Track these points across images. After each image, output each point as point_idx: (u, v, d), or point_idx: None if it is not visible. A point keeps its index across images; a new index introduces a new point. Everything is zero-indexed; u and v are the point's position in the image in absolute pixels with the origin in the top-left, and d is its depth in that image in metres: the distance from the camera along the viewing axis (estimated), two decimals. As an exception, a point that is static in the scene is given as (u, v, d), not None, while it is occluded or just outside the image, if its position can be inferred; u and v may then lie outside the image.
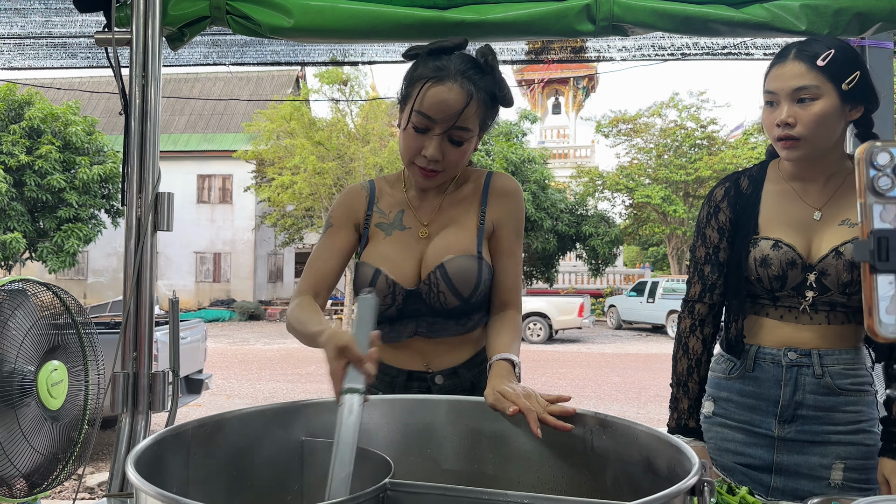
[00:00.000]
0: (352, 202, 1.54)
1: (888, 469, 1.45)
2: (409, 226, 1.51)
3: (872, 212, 0.82)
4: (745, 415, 1.58)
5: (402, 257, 1.46)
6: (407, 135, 1.42)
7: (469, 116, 1.37)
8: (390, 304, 1.44)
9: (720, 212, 1.63)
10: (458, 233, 1.48)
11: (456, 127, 1.37)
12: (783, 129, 1.48)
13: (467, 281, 1.43)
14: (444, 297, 1.43)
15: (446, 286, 1.42)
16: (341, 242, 1.51)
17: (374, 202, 1.54)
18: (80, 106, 18.23)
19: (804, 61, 1.47)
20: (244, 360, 13.17)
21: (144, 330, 1.74)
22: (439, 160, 1.40)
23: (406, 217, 1.52)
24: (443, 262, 1.43)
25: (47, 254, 17.00)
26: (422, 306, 1.45)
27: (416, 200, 1.53)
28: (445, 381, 1.48)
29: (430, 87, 1.37)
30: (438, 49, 1.42)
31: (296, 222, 21.52)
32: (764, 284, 1.55)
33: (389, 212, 1.53)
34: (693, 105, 24.41)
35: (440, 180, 1.47)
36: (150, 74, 1.77)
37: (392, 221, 1.51)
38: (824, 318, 1.53)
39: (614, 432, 1.05)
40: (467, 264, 1.43)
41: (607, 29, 1.76)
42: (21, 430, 1.59)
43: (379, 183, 1.58)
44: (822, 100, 1.45)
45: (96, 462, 5.97)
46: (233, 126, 25.61)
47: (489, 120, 1.46)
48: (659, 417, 1.77)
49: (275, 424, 1.09)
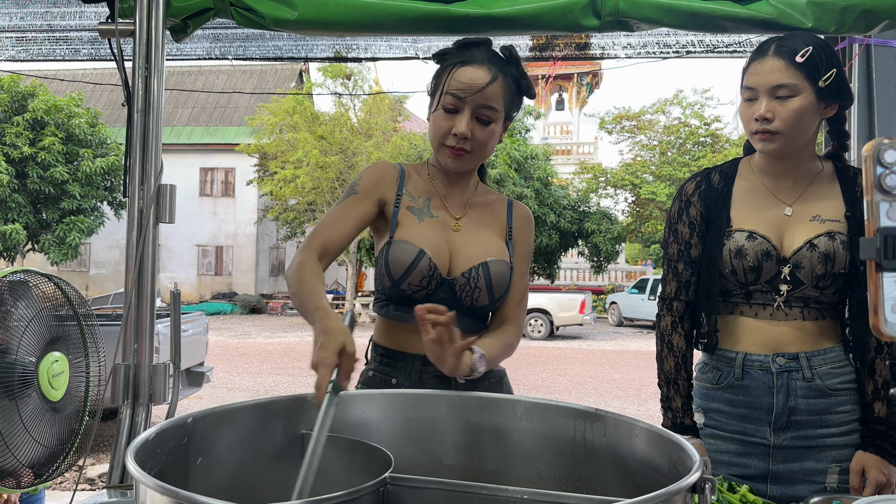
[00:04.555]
0: (383, 176, 1.54)
1: (869, 463, 1.48)
2: (437, 215, 1.53)
3: (879, 209, 0.81)
4: (738, 425, 1.57)
5: (439, 245, 1.49)
6: (437, 117, 1.48)
7: (496, 94, 1.44)
8: (424, 286, 1.46)
9: (691, 206, 1.63)
10: (493, 237, 1.54)
11: (484, 105, 1.44)
12: (761, 123, 1.50)
13: (502, 285, 1.49)
14: (479, 294, 1.47)
15: (485, 284, 1.47)
16: (361, 211, 1.49)
17: (404, 184, 1.55)
18: (83, 98, 18.23)
19: (783, 58, 1.48)
20: (245, 354, 13.19)
21: (146, 322, 1.73)
22: (468, 137, 1.45)
23: (434, 205, 1.54)
24: (487, 262, 1.48)
25: (49, 245, 17.03)
26: (449, 297, 1.46)
27: (443, 190, 1.56)
28: None
29: (458, 69, 1.45)
30: (466, 43, 1.50)
31: (298, 216, 21.52)
32: (738, 277, 1.54)
33: (418, 197, 1.54)
34: (697, 102, 24.35)
35: (468, 162, 1.50)
36: (153, 66, 1.76)
37: (421, 207, 1.53)
38: (799, 313, 1.54)
39: (615, 429, 1.04)
40: (505, 270, 1.50)
41: (613, 24, 1.76)
42: (22, 421, 1.59)
43: (407, 168, 1.59)
44: (800, 96, 1.47)
45: (97, 453, 5.98)
46: (236, 119, 25.59)
47: (514, 109, 1.52)
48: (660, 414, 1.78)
49: (275, 417, 1.09)
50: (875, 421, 1.51)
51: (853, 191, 1.55)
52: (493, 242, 1.53)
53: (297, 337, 16.34)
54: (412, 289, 1.46)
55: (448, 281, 1.47)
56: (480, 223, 1.55)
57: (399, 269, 1.45)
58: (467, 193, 1.58)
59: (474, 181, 1.61)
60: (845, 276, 1.52)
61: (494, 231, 1.56)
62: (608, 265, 23.11)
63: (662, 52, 3.43)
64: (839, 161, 1.64)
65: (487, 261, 1.48)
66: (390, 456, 0.97)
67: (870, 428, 1.51)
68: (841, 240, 1.51)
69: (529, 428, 1.11)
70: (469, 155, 1.48)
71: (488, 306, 1.51)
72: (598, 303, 23.47)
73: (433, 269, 1.46)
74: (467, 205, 1.57)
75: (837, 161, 1.64)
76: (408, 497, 0.91)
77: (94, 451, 5.99)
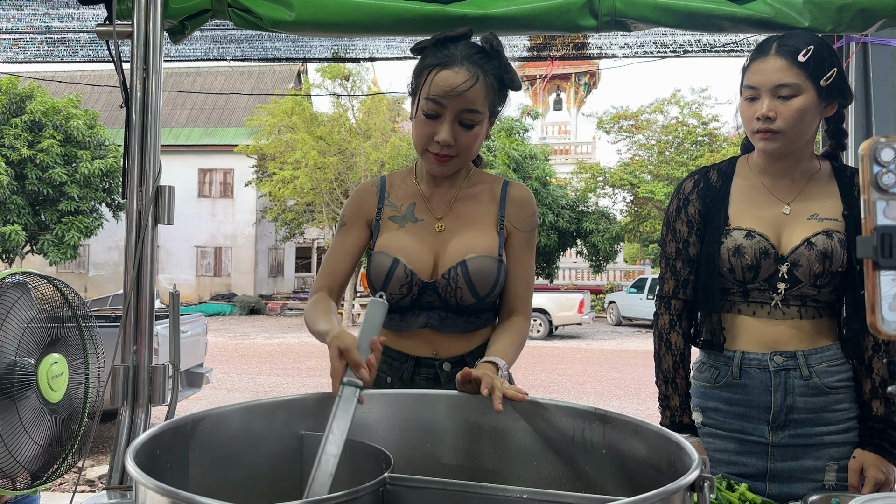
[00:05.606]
0: (363, 200, 1.57)
1: (868, 461, 1.48)
2: (421, 218, 1.52)
3: (876, 208, 0.81)
4: (736, 423, 1.57)
5: (418, 249, 1.48)
6: (418, 122, 1.44)
7: (477, 97, 1.39)
8: (405, 294, 1.46)
9: (690, 204, 1.63)
10: (478, 232, 1.50)
11: (466, 109, 1.40)
12: (763, 122, 1.49)
13: (486, 281, 1.45)
14: (461, 294, 1.45)
15: (465, 283, 1.44)
16: (353, 241, 1.54)
17: (384, 197, 1.55)
18: (81, 99, 18.20)
19: (785, 57, 1.48)
20: (244, 354, 13.18)
21: (145, 323, 1.73)
22: (452, 144, 1.42)
23: (418, 209, 1.53)
24: (465, 260, 1.45)
25: (48, 246, 17.00)
26: (436, 300, 1.47)
27: (427, 192, 1.55)
28: (453, 368, 1.48)
29: (437, 72, 1.39)
30: (444, 39, 1.44)
31: (297, 217, 21.51)
32: (736, 275, 1.54)
33: (401, 205, 1.54)
34: (695, 102, 24.31)
35: (454, 166, 1.49)
36: (151, 67, 1.76)
37: (404, 214, 1.53)
38: (796, 312, 1.54)
39: (614, 428, 1.04)
40: (488, 265, 1.45)
41: (610, 24, 1.76)
42: (21, 423, 1.59)
43: (390, 178, 1.60)
44: (802, 96, 1.47)
45: (96, 455, 5.98)
46: (234, 120, 25.57)
47: (498, 105, 1.48)
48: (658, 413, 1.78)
49: (275, 418, 1.09)
50: (873, 419, 1.51)
51: (851, 190, 1.56)
52: (476, 238, 1.48)
53: (296, 338, 16.33)
54: (394, 297, 1.46)
55: (431, 284, 1.46)
56: (466, 219, 1.52)
57: (378, 279, 1.47)
58: (454, 189, 1.54)
59: (464, 172, 1.57)
60: (843, 274, 1.52)
61: (483, 223, 1.51)
62: (607, 264, 23.13)
63: (660, 51, 3.43)
64: (836, 160, 1.65)
65: (466, 259, 1.45)
66: (390, 456, 0.97)
67: (868, 426, 1.52)
68: (838, 238, 1.51)
69: (528, 427, 1.11)
70: (455, 159, 1.46)
71: (476, 304, 1.47)
72: (597, 302, 23.47)
73: (410, 276, 1.45)
74: (452, 202, 1.53)
75: (834, 160, 1.64)
76: (407, 497, 0.91)
77: (93, 453, 5.98)
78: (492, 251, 1.47)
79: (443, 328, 1.48)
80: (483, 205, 1.53)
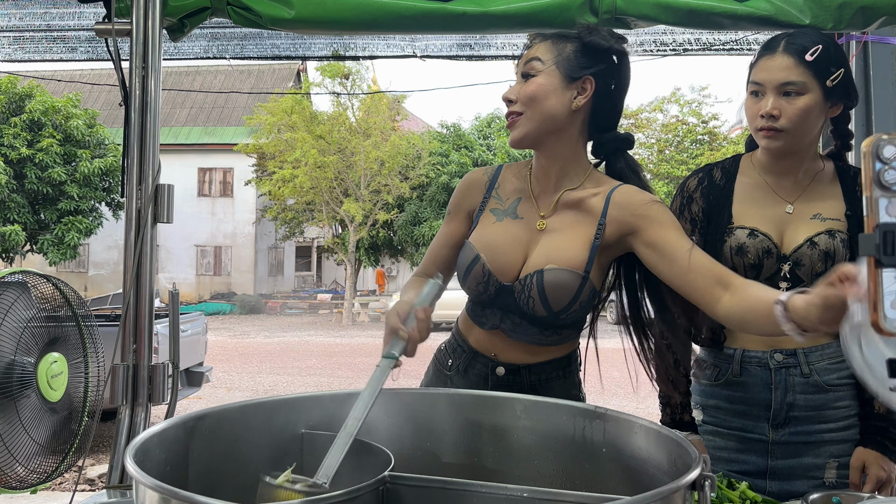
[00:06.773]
0: (468, 189, 1.56)
1: (869, 459, 1.48)
2: (522, 216, 1.46)
3: (878, 205, 0.81)
4: (737, 421, 1.57)
5: (507, 249, 1.43)
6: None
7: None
8: (482, 291, 1.44)
9: (693, 202, 1.63)
10: (569, 242, 1.40)
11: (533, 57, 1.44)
12: (767, 120, 1.49)
13: (562, 296, 1.36)
14: (533, 304, 1.38)
15: (538, 294, 1.37)
16: (453, 231, 1.55)
17: (493, 188, 1.52)
18: (80, 98, 18.19)
19: (793, 55, 1.47)
20: (244, 353, 13.18)
21: (144, 322, 1.73)
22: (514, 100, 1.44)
23: (522, 206, 1.48)
24: (543, 270, 1.37)
25: (48, 246, 17.00)
26: (513, 303, 1.41)
27: (536, 189, 1.48)
28: (507, 374, 1.46)
29: None
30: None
31: (296, 216, 21.51)
32: (739, 274, 1.54)
33: (507, 198, 1.50)
34: (695, 100, 24.33)
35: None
36: (150, 66, 1.76)
37: (507, 208, 1.49)
38: None
39: (614, 426, 1.04)
40: (566, 280, 1.36)
41: (610, 22, 1.75)
42: (21, 422, 1.59)
43: (505, 170, 1.55)
44: (808, 95, 1.47)
45: (96, 454, 5.98)
46: (234, 119, 25.57)
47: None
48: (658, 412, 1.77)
49: (275, 417, 1.09)
50: (875, 417, 1.51)
51: (853, 190, 1.55)
52: (567, 248, 1.39)
53: (295, 336, 16.33)
54: (472, 292, 1.46)
55: (508, 287, 1.40)
56: (565, 223, 1.43)
57: (459, 271, 1.47)
58: (562, 190, 1.45)
59: (581, 172, 1.46)
60: None
61: (576, 233, 1.41)
62: (607, 263, 23.10)
63: (660, 49, 3.43)
64: (840, 161, 1.64)
65: (544, 269, 1.37)
66: (390, 454, 0.97)
67: (869, 424, 1.52)
68: (841, 238, 1.51)
69: (529, 426, 1.11)
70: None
71: (549, 318, 1.38)
72: (597, 301, 23.45)
73: (487, 276, 1.41)
74: (558, 203, 1.45)
75: (838, 161, 1.64)
76: (407, 495, 0.90)
77: (93, 452, 5.98)
78: (575, 265, 1.37)
79: (513, 334, 1.44)
80: (584, 213, 1.42)
